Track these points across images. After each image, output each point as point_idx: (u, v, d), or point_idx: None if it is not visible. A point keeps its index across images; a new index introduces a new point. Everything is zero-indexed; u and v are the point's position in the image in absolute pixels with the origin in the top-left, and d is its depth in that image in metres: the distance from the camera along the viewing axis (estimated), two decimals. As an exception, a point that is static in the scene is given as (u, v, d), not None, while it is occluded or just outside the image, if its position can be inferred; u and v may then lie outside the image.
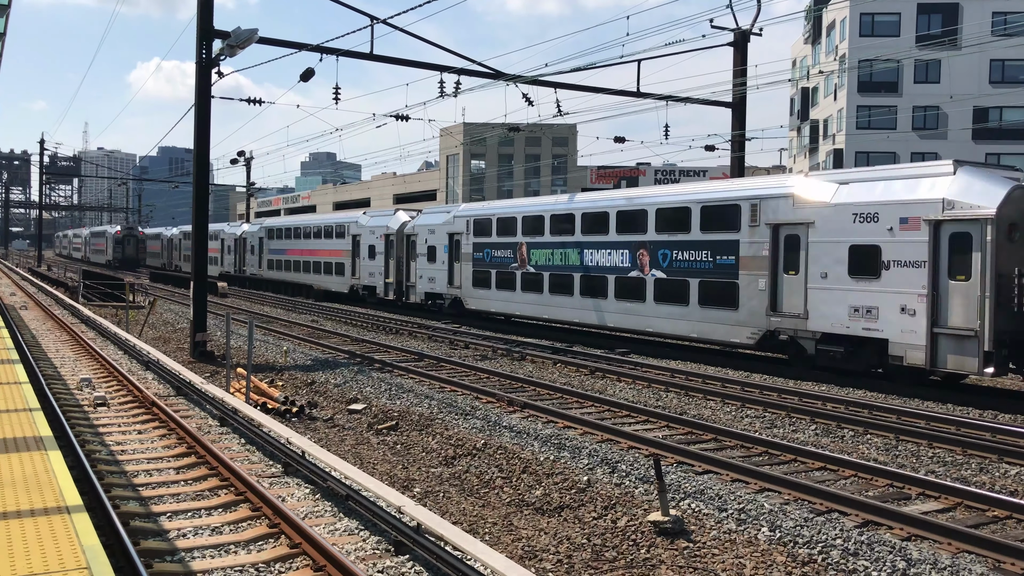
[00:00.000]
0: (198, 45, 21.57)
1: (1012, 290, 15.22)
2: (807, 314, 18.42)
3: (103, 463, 10.91)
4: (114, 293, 39.43)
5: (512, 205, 30.23)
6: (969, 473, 11.15)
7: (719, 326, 20.70)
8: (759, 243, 19.62)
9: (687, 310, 21.62)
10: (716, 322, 20.78)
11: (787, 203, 18.97)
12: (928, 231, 16.16)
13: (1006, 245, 15.40)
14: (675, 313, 21.97)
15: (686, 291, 21.58)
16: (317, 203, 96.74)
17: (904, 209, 16.60)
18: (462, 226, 30.82)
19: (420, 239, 33.41)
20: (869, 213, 17.23)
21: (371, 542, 8.29)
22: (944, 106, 50.81)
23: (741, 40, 27.94)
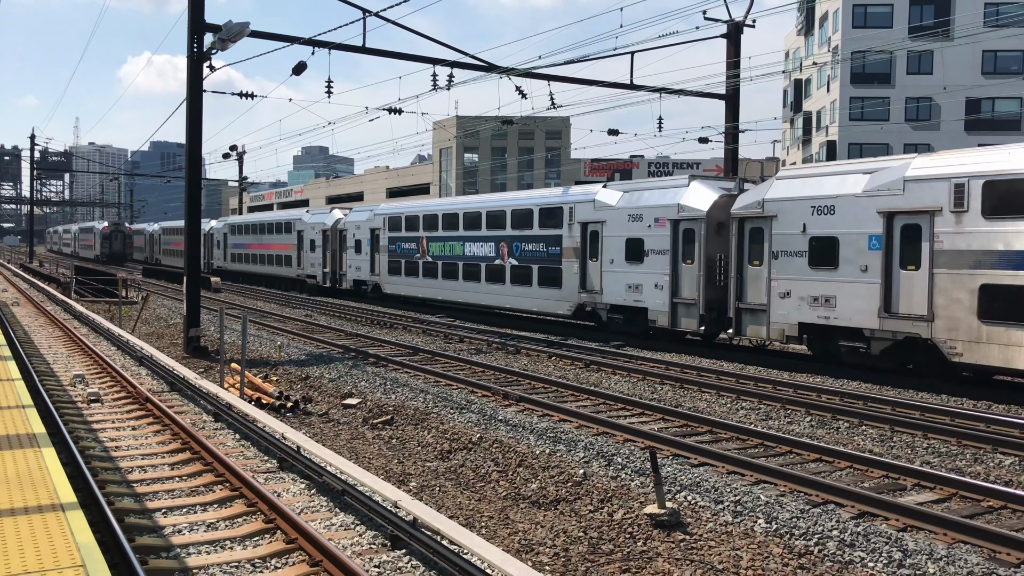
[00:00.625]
0: (189, 39, 21.45)
1: (716, 270, 20.85)
2: (602, 291, 24.17)
3: (97, 459, 10.87)
4: (107, 289, 39.29)
5: (417, 206, 35.79)
6: (964, 464, 11.18)
7: (550, 301, 26.44)
8: (574, 237, 25.22)
9: (530, 290, 27.20)
10: (548, 299, 26.48)
11: (591, 207, 24.52)
12: (670, 227, 21.76)
13: (714, 238, 20.92)
14: (523, 292, 27.56)
15: (530, 275, 27.17)
16: (310, 197, 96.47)
17: (657, 211, 22.13)
18: (380, 223, 35.63)
19: (349, 234, 38.34)
20: (637, 214, 22.81)
21: (367, 537, 8.27)
22: (937, 97, 50.90)
23: (734, 32, 27.90)
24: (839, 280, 17.77)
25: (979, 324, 15.16)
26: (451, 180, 74.19)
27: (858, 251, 17.34)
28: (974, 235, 15.30)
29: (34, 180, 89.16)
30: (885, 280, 16.82)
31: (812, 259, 18.28)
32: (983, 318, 15.10)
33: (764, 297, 19.26)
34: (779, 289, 18.92)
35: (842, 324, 17.69)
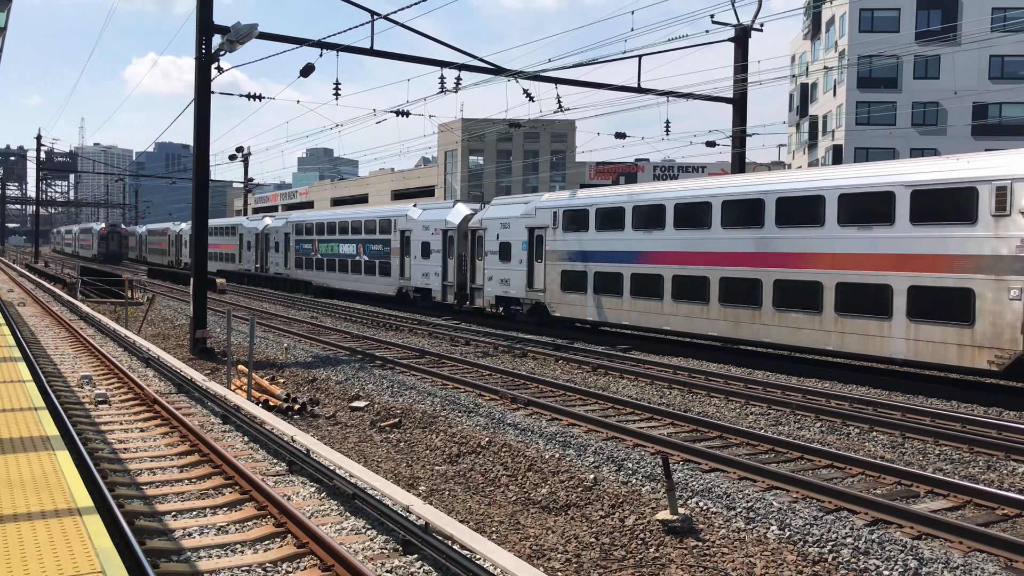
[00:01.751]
0: (197, 40, 21.45)
1: (463, 263, 31.72)
2: (410, 277, 34.71)
3: (106, 461, 10.84)
4: (112, 290, 39.31)
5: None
6: (977, 471, 11.11)
7: (383, 286, 37.18)
8: (397, 240, 35.89)
9: (372, 278, 38.10)
10: (382, 284, 37.27)
11: (405, 219, 35.38)
12: (442, 235, 32.64)
13: (463, 241, 31.58)
14: (368, 279, 38.46)
15: (375, 268, 37.89)
16: (315, 199, 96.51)
17: (437, 224, 33.01)
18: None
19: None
20: (427, 225, 33.65)
21: (379, 541, 8.23)
22: (944, 102, 50.77)
23: (742, 36, 27.86)
24: (511, 269, 28.34)
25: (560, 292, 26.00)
26: (456, 183, 74.19)
27: (521, 250, 27.80)
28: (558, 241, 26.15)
29: (40, 180, 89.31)
30: (529, 268, 27.39)
31: (501, 256, 28.54)
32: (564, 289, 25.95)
33: (481, 279, 29.88)
34: (488, 275, 29.44)
35: (512, 295, 28.22)
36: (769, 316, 19.27)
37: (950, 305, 15.78)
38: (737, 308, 20.07)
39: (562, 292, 25.89)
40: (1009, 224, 14.98)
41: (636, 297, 23.11)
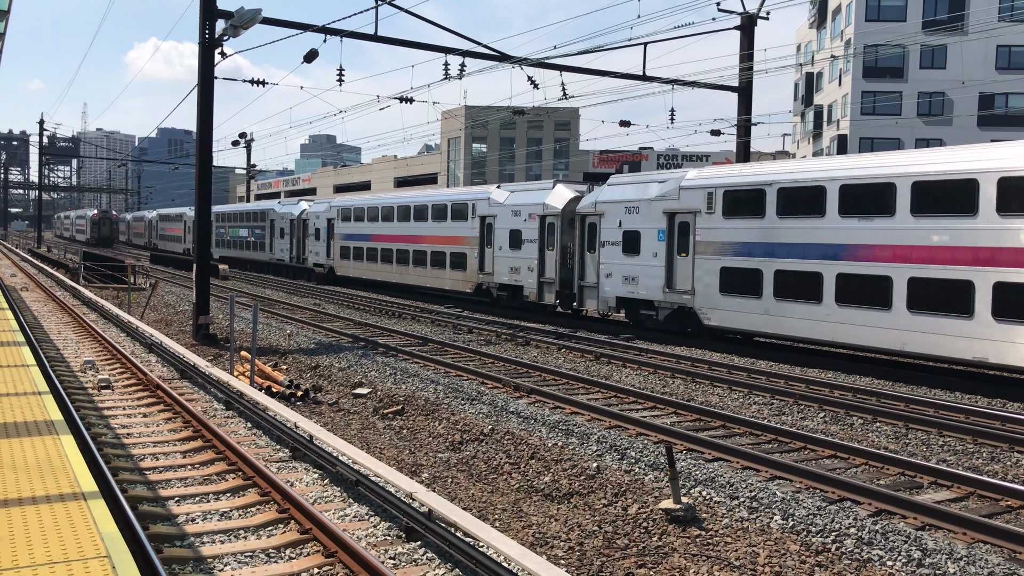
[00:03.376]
0: (201, 25, 21.37)
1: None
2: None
3: (109, 446, 10.85)
4: (115, 275, 39.33)
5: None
6: (980, 462, 11.10)
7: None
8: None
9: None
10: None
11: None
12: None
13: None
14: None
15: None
16: (317, 185, 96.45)
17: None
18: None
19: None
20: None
21: (382, 528, 8.23)
22: (950, 92, 50.54)
23: (748, 24, 27.70)
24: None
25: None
26: (459, 170, 74.07)
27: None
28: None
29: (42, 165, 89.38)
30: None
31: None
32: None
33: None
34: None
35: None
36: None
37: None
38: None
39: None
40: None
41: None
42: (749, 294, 19.72)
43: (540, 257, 27.20)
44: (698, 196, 21.13)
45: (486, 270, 29.94)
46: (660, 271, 22.17)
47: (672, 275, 21.98)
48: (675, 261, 21.90)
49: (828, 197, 17.87)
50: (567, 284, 26.33)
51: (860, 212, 17.34)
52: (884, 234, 16.97)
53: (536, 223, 27.29)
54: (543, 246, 27.14)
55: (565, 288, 26.40)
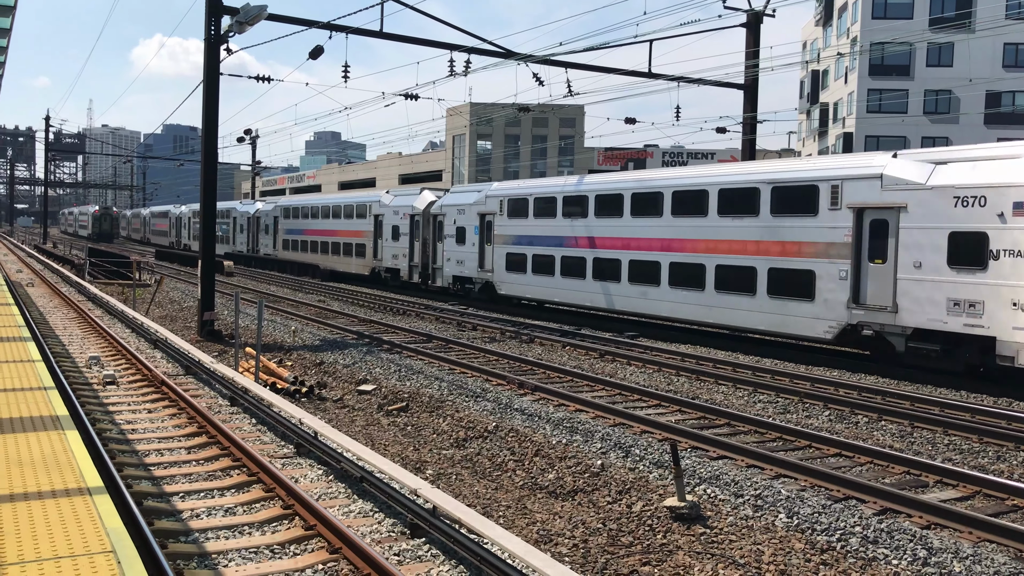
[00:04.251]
0: (207, 22, 21.37)
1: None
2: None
3: (114, 442, 10.88)
4: (120, 271, 39.39)
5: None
6: (987, 461, 11.07)
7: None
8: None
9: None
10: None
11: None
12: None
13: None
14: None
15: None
16: (322, 182, 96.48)
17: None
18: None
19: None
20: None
21: (386, 524, 8.23)
22: (957, 90, 50.37)
23: (754, 21, 27.64)
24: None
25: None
26: (464, 167, 74.03)
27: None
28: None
29: (48, 162, 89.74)
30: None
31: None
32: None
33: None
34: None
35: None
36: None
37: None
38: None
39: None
40: None
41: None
42: (520, 271, 28.02)
43: (410, 247, 35.20)
44: (495, 203, 29.08)
45: (378, 257, 38.04)
46: (476, 256, 30.25)
47: (483, 259, 29.97)
48: (485, 249, 29.86)
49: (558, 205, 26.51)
50: (426, 267, 34.28)
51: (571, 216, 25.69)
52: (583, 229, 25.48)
53: (408, 220, 35.18)
54: (412, 238, 35.17)
55: (425, 270, 34.33)
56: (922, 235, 16.28)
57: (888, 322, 16.90)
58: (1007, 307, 14.84)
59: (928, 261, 16.14)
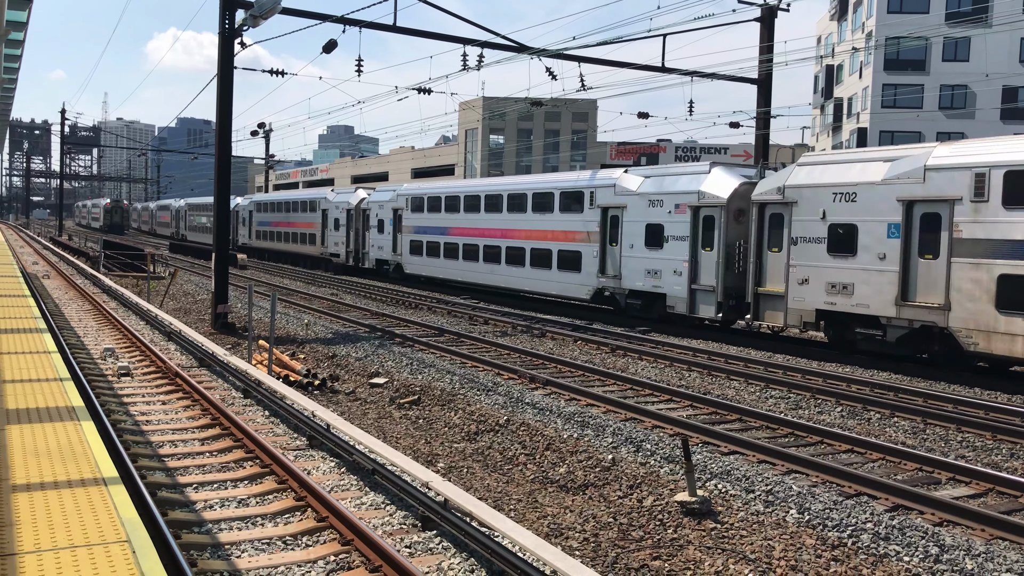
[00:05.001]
0: (221, 15, 21.44)
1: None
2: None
3: (129, 433, 10.96)
4: (134, 264, 39.64)
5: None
6: (1000, 458, 11.01)
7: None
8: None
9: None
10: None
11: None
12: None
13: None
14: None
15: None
16: (335, 176, 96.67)
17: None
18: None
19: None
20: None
21: (398, 517, 8.28)
22: (973, 85, 49.96)
23: (768, 16, 27.48)
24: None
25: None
26: (476, 161, 74.04)
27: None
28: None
29: (64, 154, 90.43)
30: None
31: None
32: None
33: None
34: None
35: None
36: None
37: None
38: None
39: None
40: None
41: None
42: (419, 254, 35.43)
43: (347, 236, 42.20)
44: (402, 200, 36.76)
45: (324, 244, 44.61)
46: (390, 243, 37.89)
47: (396, 245, 37.57)
48: (396, 237, 37.47)
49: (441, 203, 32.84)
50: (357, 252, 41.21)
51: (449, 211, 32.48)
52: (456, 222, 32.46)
53: (345, 214, 42.01)
54: (348, 229, 42.00)
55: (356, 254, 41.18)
56: (634, 226, 23.95)
57: (617, 286, 24.74)
58: (672, 274, 22.66)
59: (635, 244, 23.97)
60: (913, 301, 16.89)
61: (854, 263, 17.98)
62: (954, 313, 16.05)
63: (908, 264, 17.02)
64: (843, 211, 18.23)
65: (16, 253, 46.31)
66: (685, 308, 22.27)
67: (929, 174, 16.58)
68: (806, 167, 19.49)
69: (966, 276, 15.84)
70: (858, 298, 17.89)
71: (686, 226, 22.19)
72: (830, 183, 18.57)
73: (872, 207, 17.63)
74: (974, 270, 15.71)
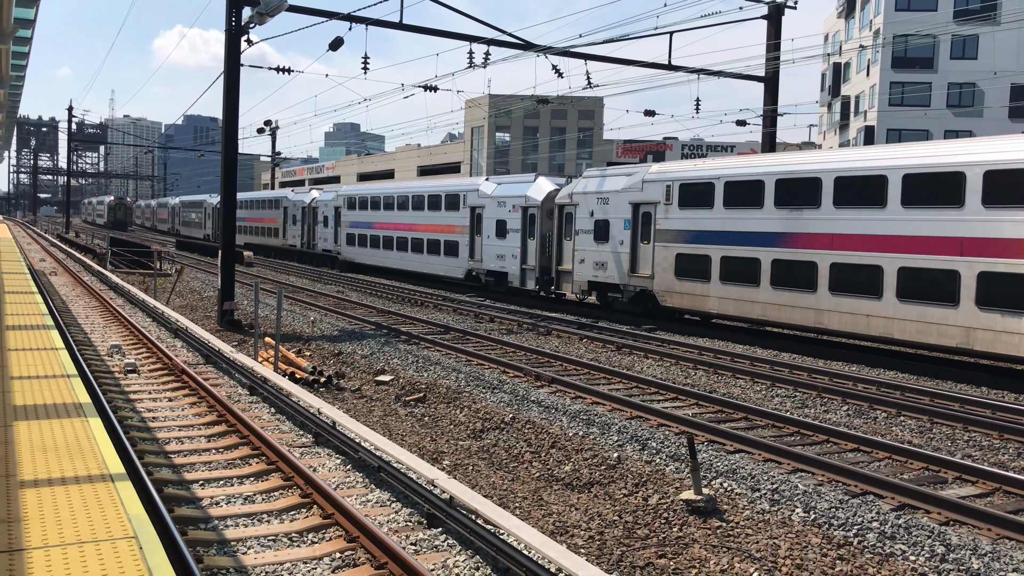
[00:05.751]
0: (228, 13, 21.46)
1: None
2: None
3: (135, 430, 11.00)
4: (141, 261, 39.74)
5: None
6: (1007, 458, 10.98)
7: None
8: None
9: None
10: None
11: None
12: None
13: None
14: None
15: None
16: (341, 174, 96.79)
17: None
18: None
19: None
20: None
21: (404, 514, 8.29)
22: (981, 83, 49.76)
23: (775, 13, 27.40)
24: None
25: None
26: (482, 159, 74.03)
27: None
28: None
29: (71, 152, 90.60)
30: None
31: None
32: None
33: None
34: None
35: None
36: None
37: None
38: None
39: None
40: None
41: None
42: (359, 245, 41.47)
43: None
44: (341, 200, 42.95)
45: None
46: (332, 235, 43.54)
47: (337, 237, 43.97)
48: (336, 230, 43.48)
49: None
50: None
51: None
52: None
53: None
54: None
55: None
56: (489, 221, 30.83)
57: (480, 267, 31.33)
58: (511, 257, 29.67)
59: (490, 235, 30.76)
60: (637, 273, 24.37)
61: (606, 247, 25.38)
62: (656, 280, 23.42)
63: (635, 247, 24.46)
64: (601, 211, 25.61)
65: (23, 250, 46.47)
66: (519, 283, 29.64)
67: (645, 185, 23.74)
68: (584, 179, 26.82)
69: (660, 255, 23.17)
70: (608, 272, 25.35)
71: (519, 221, 29.26)
72: (595, 191, 25.77)
73: (617, 208, 24.93)
74: (665, 250, 22.99)
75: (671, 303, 22.79)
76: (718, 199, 21.29)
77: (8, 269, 23.05)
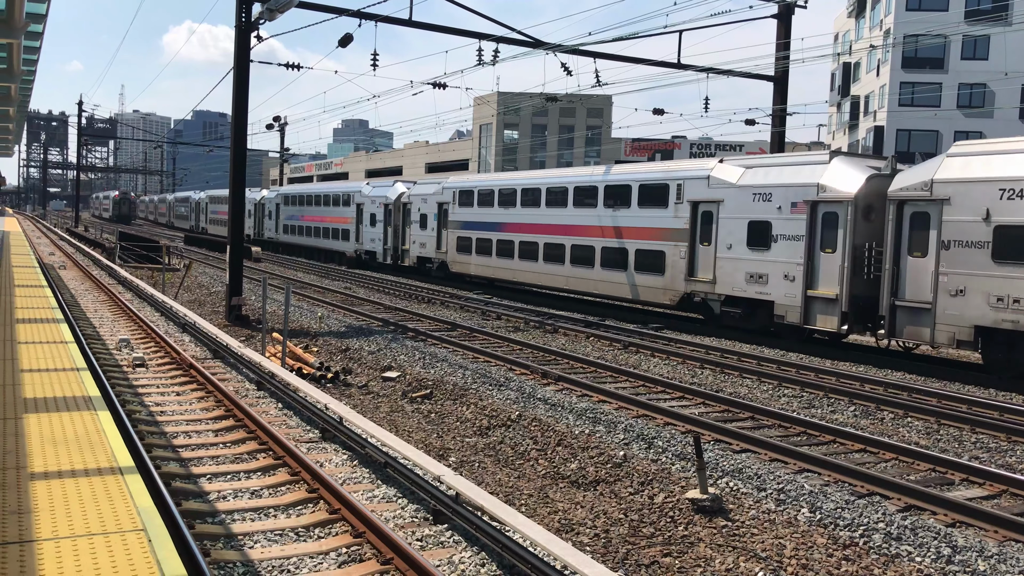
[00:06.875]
0: (237, 9, 21.51)
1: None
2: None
3: (143, 423, 11.05)
4: (150, 255, 39.88)
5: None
6: (1014, 460, 10.95)
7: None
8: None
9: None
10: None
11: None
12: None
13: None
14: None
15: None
16: (349, 170, 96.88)
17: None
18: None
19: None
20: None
21: (409, 510, 8.31)
22: (992, 84, 49.52)
23: (785, 12, 27.34)
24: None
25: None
26: (490, 156, 74.01)
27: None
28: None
29: (80, 146, 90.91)
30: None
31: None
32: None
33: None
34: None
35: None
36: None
37: None
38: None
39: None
40: None
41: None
42: (290, 234, 49.88)
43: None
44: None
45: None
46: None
47: (277, 225, 52.38)
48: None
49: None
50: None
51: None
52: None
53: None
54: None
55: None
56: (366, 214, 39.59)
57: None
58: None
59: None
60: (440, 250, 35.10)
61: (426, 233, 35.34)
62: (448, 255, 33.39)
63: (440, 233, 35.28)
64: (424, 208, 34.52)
65: (33, 244, 46.69)
66: (381, 259, 36.28)
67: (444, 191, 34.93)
68: (419, 185, 33.71)
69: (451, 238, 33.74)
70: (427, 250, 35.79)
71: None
72: (420, 193, 32.96)
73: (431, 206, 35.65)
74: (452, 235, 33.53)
75: (454, 270, 33.60)
76: (475, 201, 32.07)
77: (18, 263, 23.17)
